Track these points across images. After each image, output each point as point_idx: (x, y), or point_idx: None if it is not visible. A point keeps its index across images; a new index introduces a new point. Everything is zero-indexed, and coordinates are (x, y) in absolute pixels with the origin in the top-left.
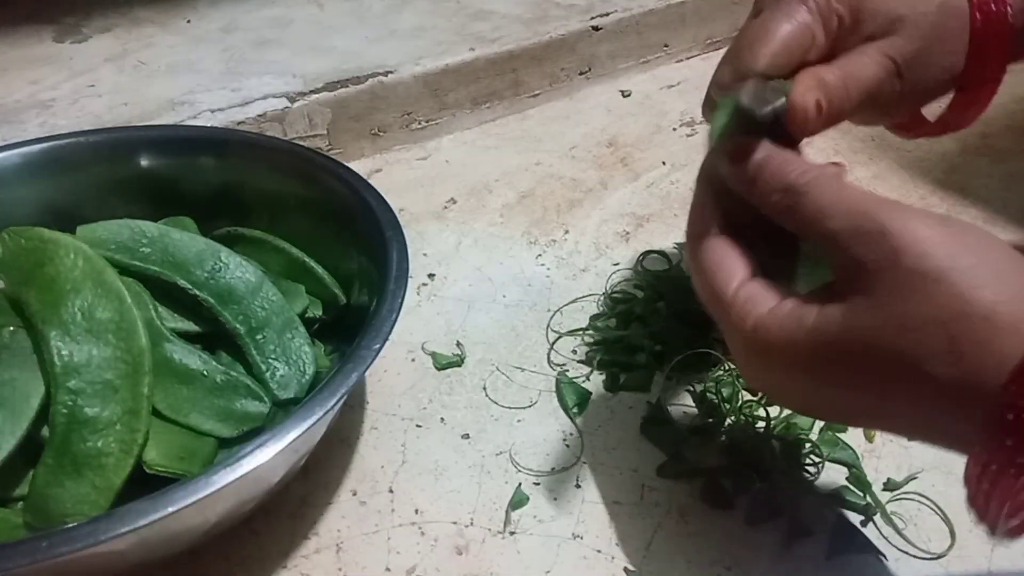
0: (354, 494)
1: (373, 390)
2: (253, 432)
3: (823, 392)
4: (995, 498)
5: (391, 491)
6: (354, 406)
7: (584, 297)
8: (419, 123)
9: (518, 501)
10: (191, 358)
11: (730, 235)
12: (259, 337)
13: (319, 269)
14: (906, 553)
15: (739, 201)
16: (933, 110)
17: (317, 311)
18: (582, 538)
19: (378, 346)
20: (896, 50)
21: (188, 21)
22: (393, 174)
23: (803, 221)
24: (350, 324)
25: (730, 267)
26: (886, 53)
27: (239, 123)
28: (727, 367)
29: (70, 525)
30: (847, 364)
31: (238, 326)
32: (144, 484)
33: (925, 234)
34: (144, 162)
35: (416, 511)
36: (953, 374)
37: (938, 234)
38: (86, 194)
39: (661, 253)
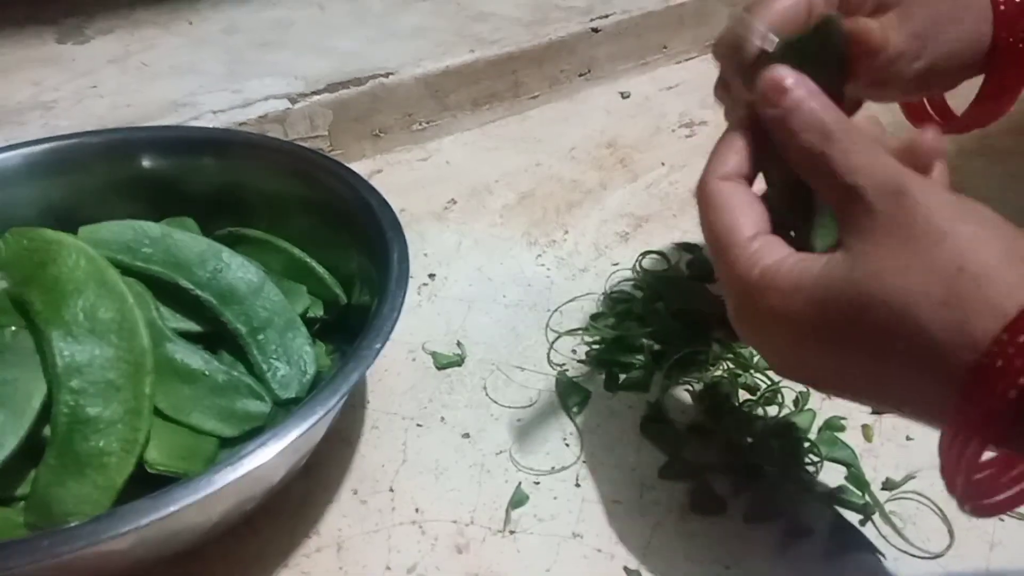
0: (355, 493)
1: (374, 390)
2: (254, 432)
3: (817, 347)
4: (962, 470)
5: (391, 490)
6: (355, 406)
7: (584, 297)
8: (420, 124)
9: (518, 500)
10: (193, 358)
11: (748, 180)
12: (260, 337)
13: (320, 269)
14: (905, 552)
15: (763, 150)
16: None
17: (318, 311)
18: (582, 537)
19: (379, 346)
20: (911, 19)
21: (190, 23)
22: (394, 175)
23: (829, 169)
24: (351, 324)
25: (752, 215)
26: (902, 21)
27: (241, 124)
28: (727, 366)
29: (72, 524)
30: (846, 313)
31: (240, 326)
32: (146, 483)
33: (938, 200)
34: (146, 163)
35: (416, 510)
36: (947, 322)
37: (950, 202)
38: (88, 195)
39: (660, 253)
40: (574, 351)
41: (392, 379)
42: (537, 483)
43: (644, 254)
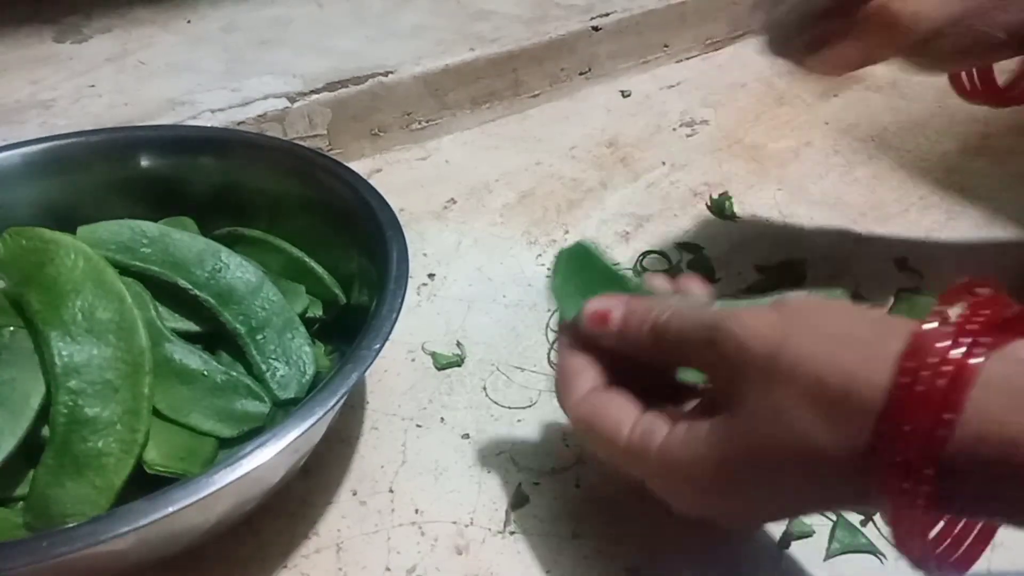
0: (354, 494)
1: (373, 390)
2: (253, 432)
3: (741, 493)
4: (916, 536)
5: (391, 491)
6: (354, 406)
7: None
8: (419, 123)
9: (518, 501)
10: (191, 358)
11: (605, 385)
12: (259, 337)
13: (319, 269)
14: None
15: (605, 353)
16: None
17: (317, 311)
18: (582, 538)
19: (378, 346)
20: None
21: (188, 21)
22: (393, 174)
23: (671, 351)
24: (350, 324)
25: (623, 411)
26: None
27: (239, 123)
28: None
29: (70, 525)
30: (749, 462)
31: (238, 326)
32: (144, 484)
33: (748, 324)
34: (144, 162)
35: (416, 511)
36: (835, 439)
37: (760, 323)
38: (86, 194)
39: (661, 253)
40: None
41: (392, 379)
42: (537, 484)
43: (645, 254)
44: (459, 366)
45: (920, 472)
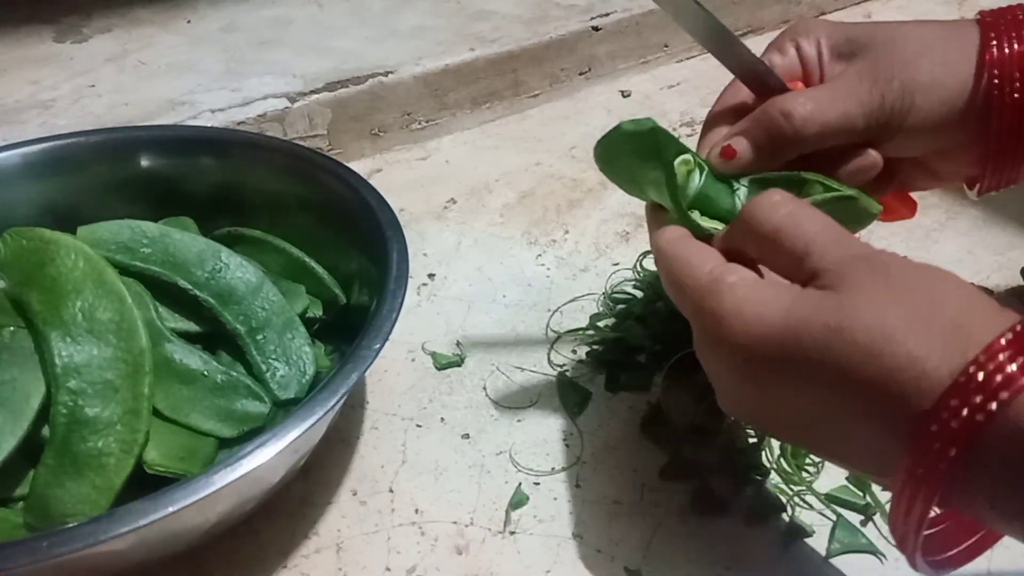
0: (354, 494)
1: (373, 390)
2: (253, 432)
3: (776, 379)
4: (913, 524)
5: (391, 491)
6: (354, 406)
7: (584, 297)
8: (419, 123)
9: (518, 501)
10: (191, 358)
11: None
12: (259, 337)
13: (319, 269)
14: None
15: None
16: None
17: (317, 311)
18: (582, 538)
19: (378, 346)
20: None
21: (188, 21)
22: (393, 174)
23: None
24: (350, 324)
25: (700, 253)
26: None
27: (239, 123)
28: None
29: (71, 525)
30: (818, 339)
31: (238, 326)
32: (144, 484)
33: (904, 261)
34: (144, 162)
35: (416, 511)
36: (914, 359)
37: (914, 263)
38: (87, 194)
39: None
40: (574, 351)
41: (392, 379)
42: (537, 484)
43: (645, 254)
44: (459, 366)
45: (956, 438)
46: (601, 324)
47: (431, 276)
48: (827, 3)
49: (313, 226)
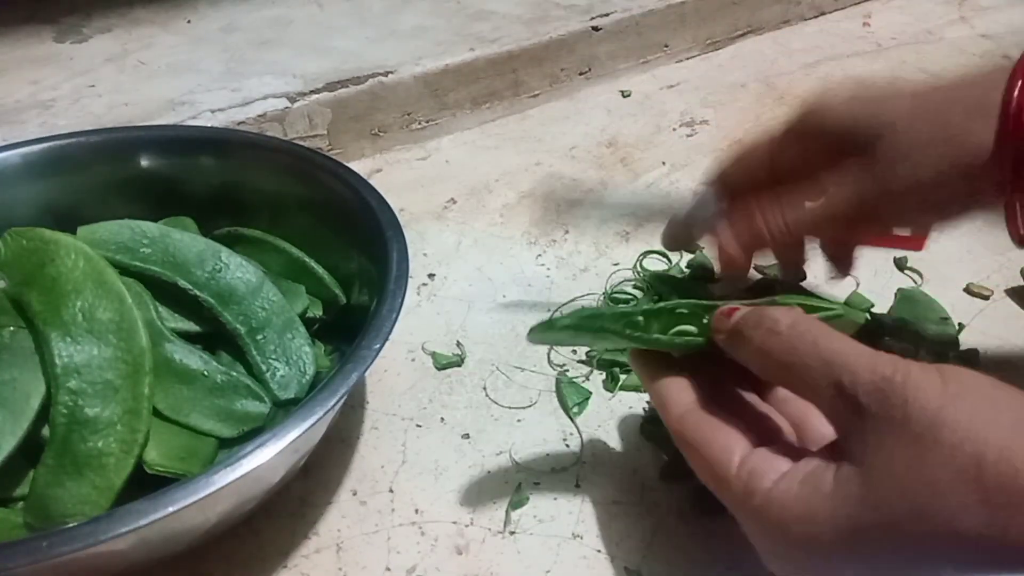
0: (354, 494)
1: (373, 390)
2: (253, 432)
3: (867, 562)
4: None
5: (391, 491)
6: (354, 406)
7: (584, 297)
8: (419, 123)
9: (518, 501)
10: (191, 358)
11: (712, 407)
12: (259, 337)
13: (319, 269)
14: None
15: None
16: None
17: (317, 311)
18: (582, 538)
19: (378, 346)
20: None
21: (188, 21)
22: (393, 174)
23: (804, 363)
24: (350, 324)
25: (725, 441)
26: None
27: (239, 123)
28: None
29: (70, 525)
30: (885, 529)
31: (238, 326)
32: (144, 484)
33: (925, 381)
34: (144, 162)
35: (416, 511)
36: (987, 525)
37: (940, 385)
38: (87, 194)
39: (661, 253)
40: (574, 351)
41: (392, 379)
42: (537, 484)
43: (645, 254)
44: (459, 366)
45: None
46: None
47: (431, 276)
48: (827, 3)
49: (313, 226)
